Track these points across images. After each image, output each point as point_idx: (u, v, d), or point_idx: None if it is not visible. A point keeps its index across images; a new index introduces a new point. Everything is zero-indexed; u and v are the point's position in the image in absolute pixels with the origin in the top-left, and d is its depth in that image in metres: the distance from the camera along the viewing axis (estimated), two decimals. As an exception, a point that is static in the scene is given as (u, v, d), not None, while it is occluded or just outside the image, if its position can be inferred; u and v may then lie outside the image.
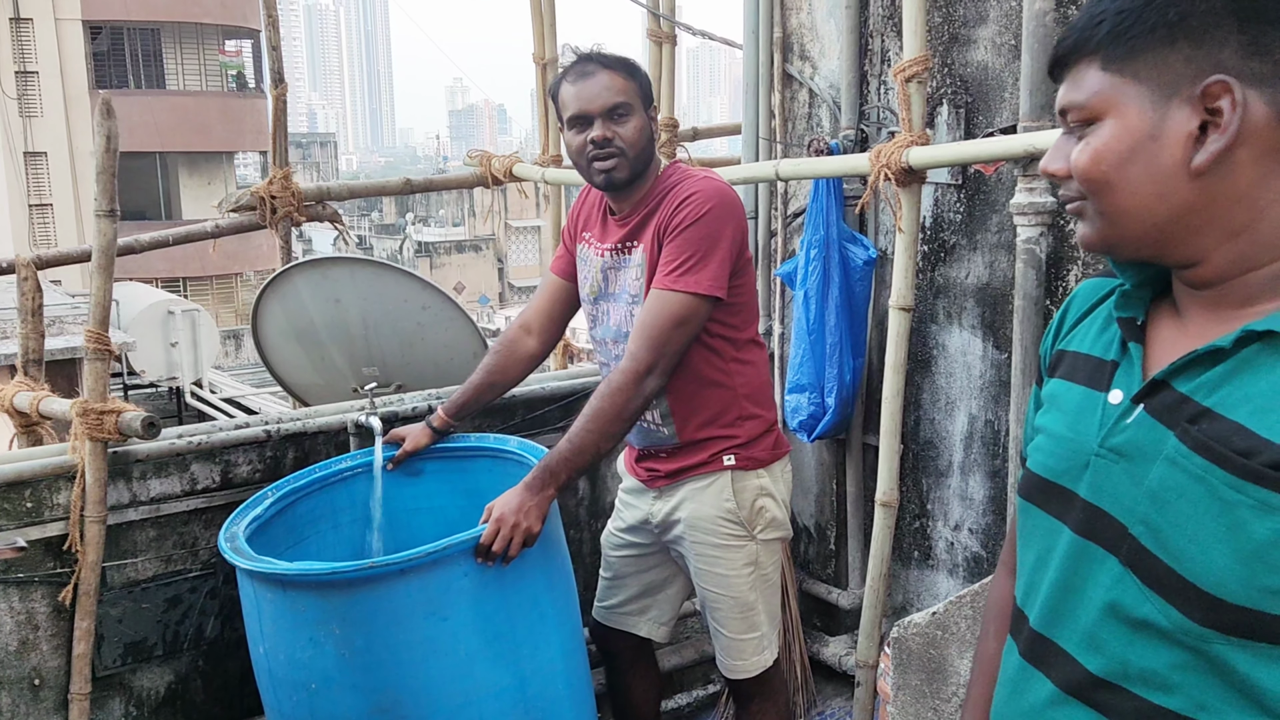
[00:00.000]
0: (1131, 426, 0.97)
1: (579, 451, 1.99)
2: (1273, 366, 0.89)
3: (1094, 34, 0.95)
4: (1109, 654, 0.96)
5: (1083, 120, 0.96)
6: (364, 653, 1.91)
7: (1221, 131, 0.90)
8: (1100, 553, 0.98)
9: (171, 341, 14.29)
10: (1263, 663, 0.88)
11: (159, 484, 2.38)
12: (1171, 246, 0.96)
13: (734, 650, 2.20)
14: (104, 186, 2.17)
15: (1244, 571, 0.87)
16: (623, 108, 2.03)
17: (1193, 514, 0.90)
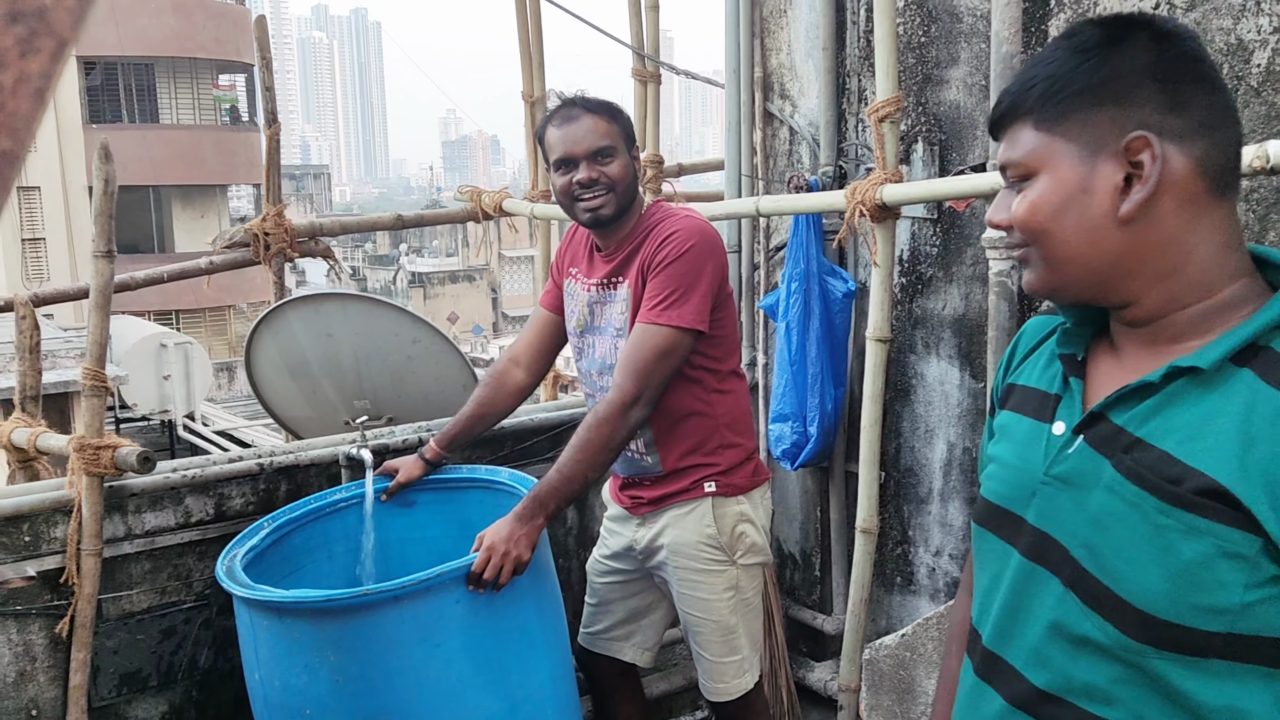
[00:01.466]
0: (1073, 456, 1.04)
1: (568, 481, 2.05)
2: (1198, 399, 0.97)
3: (1027, 97, 1.03)
4: (1054, 669, 1.03)
5: (1020, 176, 1.04)
6: (358, 679, 1.96)
7: (1143, 182, 0.98)
8: (1045, 575, 1.05)
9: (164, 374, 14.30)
10: (1194, 675, 0.95)
11: (154, 517, 2.43)
12: (1108, 289, 1.03)
13: (716, 673, 2.25)
14: (102, 228, 2.24)
15: (1174, 590, 0.94)
16: (607, 150, 2.11)
17: (1128, 538, 0.98)
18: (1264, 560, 0.91)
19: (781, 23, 3.14)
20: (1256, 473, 0.91)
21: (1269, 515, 0.91)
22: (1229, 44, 2.19)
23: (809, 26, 3.02)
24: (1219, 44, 2.20)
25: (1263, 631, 0.93)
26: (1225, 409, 0.95)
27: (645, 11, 3.44)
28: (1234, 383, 0.96)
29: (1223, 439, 0.94)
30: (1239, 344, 0.96)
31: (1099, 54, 1.00)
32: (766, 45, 3.18)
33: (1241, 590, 0.92)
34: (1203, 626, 0.94)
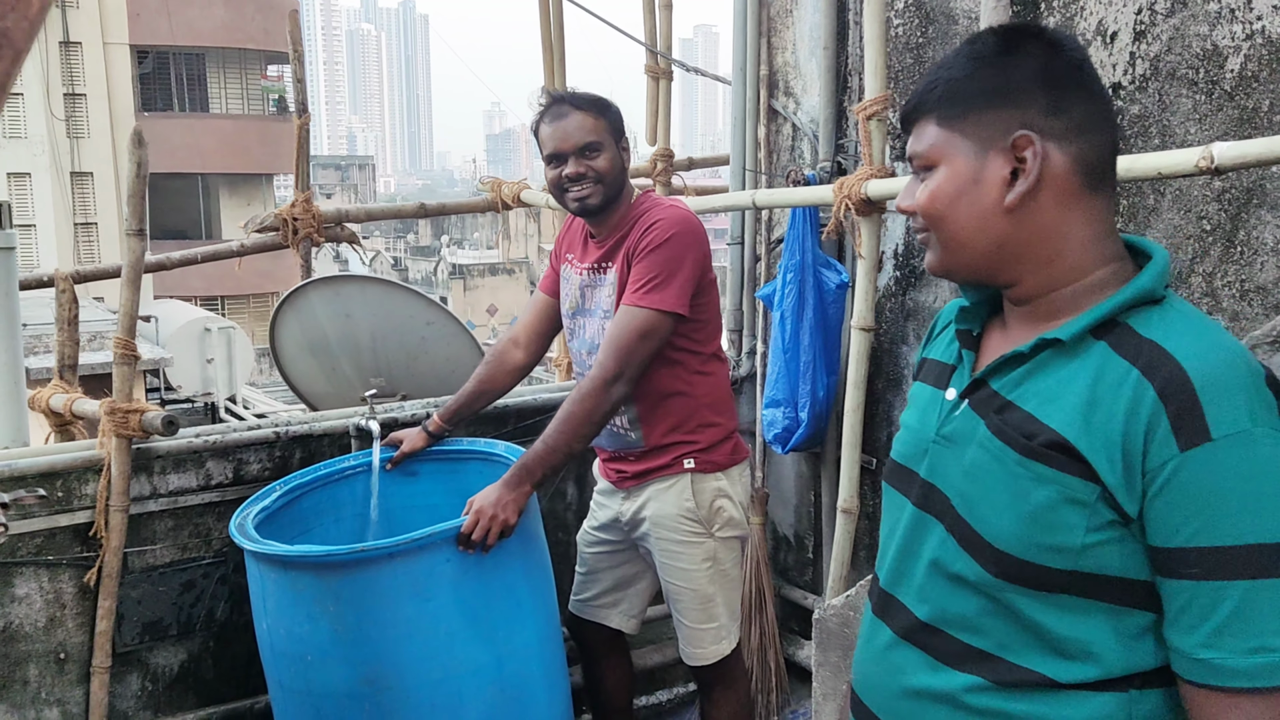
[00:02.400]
0: (958, 418, 1.18)
1: (552, 451, 2.19)
2: (1059, 367, 1.10)
3: (931, 96, 1.15)
4: (933, 603, 1.17)
5: (923, 166, 1.16)
6: (355, 628, 2.11)
7: (1025, 176, 1.09)
8: (931, 520, 1.19)
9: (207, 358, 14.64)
10: (1045, 608, 1.09)
11: (177, 478, 2.60)
12: (995, 270, 1.16)
13: (694, 639, 2.38)
14: (134, 208, 2.41)
15: (1025, 531, 1.08)
16: (594, 146, 2.25)
17: (992, 486, 1.11)
18: (1101, 506, 1.04)
19: (787, 22, 3.26)
20: (1098, 430, 1.04)
21: (1105, 467, 1.03)
22: (1205, 49, 2.27)
23: (813, 26, 3.13)
24: (1195, 49, 2.28)
25: (1102, 570, 1.05)
26: (1080, 375, 1.07)
27: (659, 10, 3.56)
28: (1090, 353, 1.08)
29: (1074, 401, 1.06)
30: (1098, 319, 1.08)
31: (995, 60, 1.12)
32: (773, 44, 3.30)
33: (1083, 532, 1.04)
34: (1050, 564, 1.06)
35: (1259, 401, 1.02)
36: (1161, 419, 1.01)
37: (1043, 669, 1.09)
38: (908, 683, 1.19)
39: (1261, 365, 1.06)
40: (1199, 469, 1.00)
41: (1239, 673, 1.00)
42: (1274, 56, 2.13)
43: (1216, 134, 2.24)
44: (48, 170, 20.65)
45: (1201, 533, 1.00)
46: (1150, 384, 1.03)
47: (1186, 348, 1.03)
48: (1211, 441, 0.99)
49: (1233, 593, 1.00)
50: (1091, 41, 2.48)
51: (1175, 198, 2.33)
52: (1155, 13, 2.35)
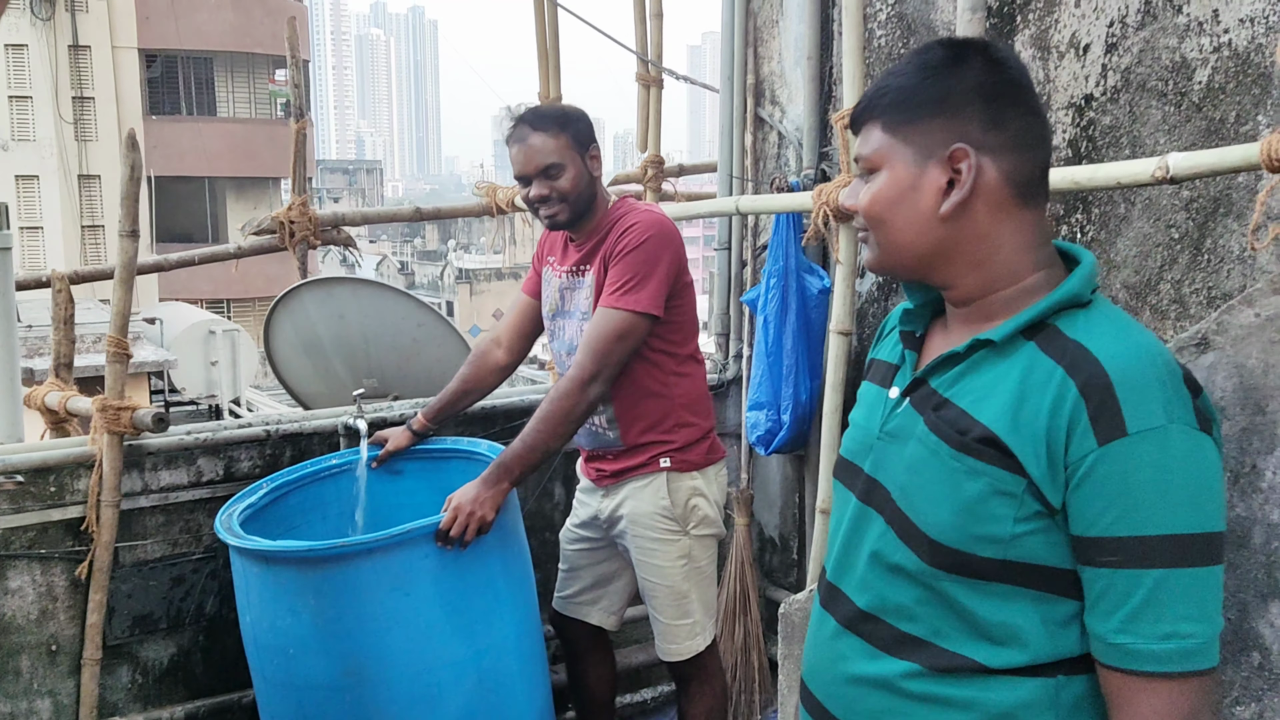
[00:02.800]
0: (900, 415, 1.24)
1: (530, 449, 2.25)
2: (992, 366, 1.16)
3: (879, 102, 1.19)
4: (873, 592, 1.23)
5: (868, 169, 1.21)
6: (335, 622, 2.17)
7: (960, 188, 1.15)
8: (873, 513, 1.25)
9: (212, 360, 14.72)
10: (976, 596, 1.15)
11: (168, 475, 2.66)
12: (930, 272, 1.22)
13: (669, 635, 2.43)
14: (127, 210, 2.47)
15: (958, 522, 1.14)
16: (554, 167, 2.32)
17: (929, 479, 1.17)
18: (1028, 498, 1.10)
19: (773, 32, 3.31)
20: (1025, 425, 1.10)
21: (1031, 460, 1.09)
22: (1174, 61, 2.32)
23: (797, 37, 3.19)
24: (1165, 61, 2.33)
25: (1030, 559, 1.11)
26: (1010, 374, 1.14)
27: (650, 19, 3.62)
28: (1020, 353, 1.14)
29: (1004, 398, 1.13)
30: (1028, 321, 1.15)
31: (940, 72, 1.17)
32: (759, 54, 3.36)
33: (1011, 523, 1.10)
34: (981, 553, 1.13)
35: (1175, 399, 1.07)
36: (1082, 415, 1.07)
37: (974, 654, 1.15)
38: (849, 670, 1.24)
39: (1179, 365, 1.11)
40: (1115, 462, 1.05)
41: (1151, 657, 1.05)
42: (1240, 69, 2.18)
43: (1185, 144, 2.29)
44: (55, 173, 20.79)
45: (1118, 522, 1.05)
46: (1073, 382, 1.08)
47: (1107, 348, 1.09)
48: (1127, 436, 1.05)
49: (1147, 580, 1.05)
50: (1065, 53, 2.53)
51: (1145, 206, 2.38)
52: (1126, 26, 2.40)
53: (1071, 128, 2.52)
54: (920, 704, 1.18)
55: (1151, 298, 2.37)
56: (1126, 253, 2.42)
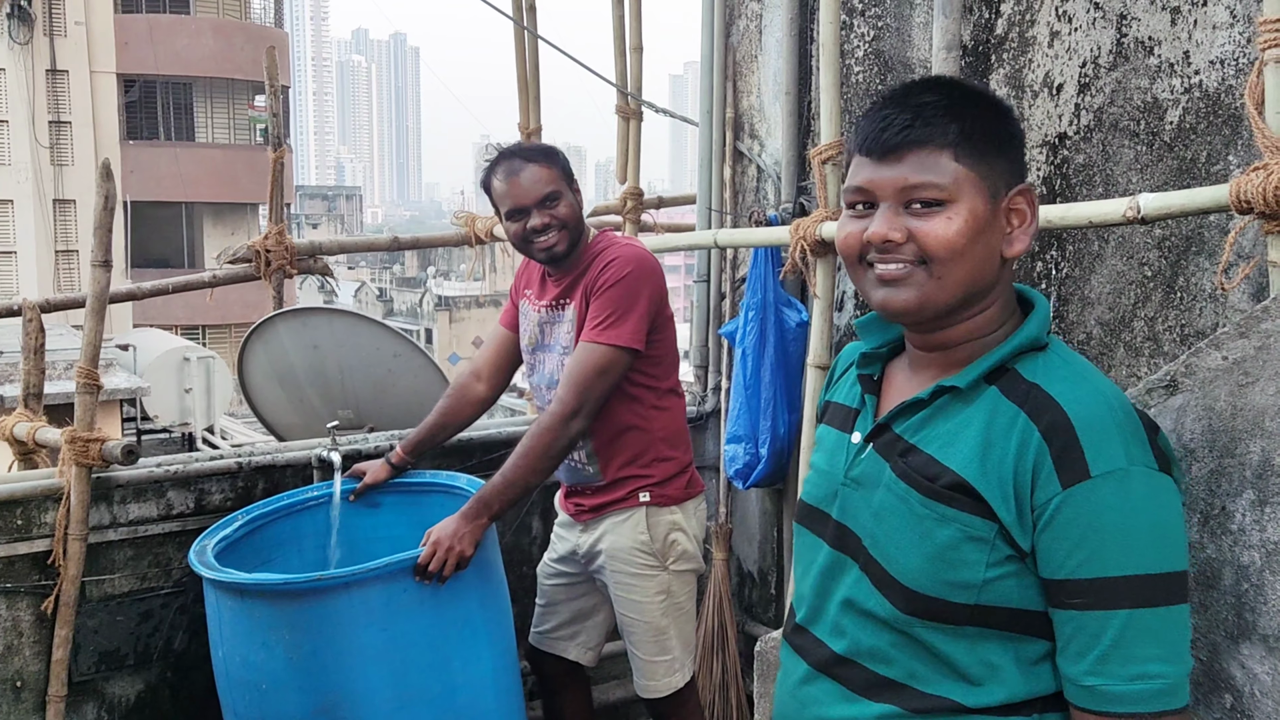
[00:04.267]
0: (864, 461, 1.24)
1: (510, 484, 2.23)
2: (957, 411, 1.17)
3: (947, 130, 1.13)
4: (848, 638, 1.23)
5: (936, 199, 1.13)
6: (310, 657, 2.13)
7: (1024, 228, 1.17)
8: (847, 561, 1.25)
9: (186, 387, 14.58)
10: (950, 640, 1.15)
11: (138, 508, 2.62)
12: (959, 312, 1.18)
13: (648, 671, 2.41)
14: (100, 240, 2.45)
15: (931, 569, 1.14)
16: (553, 195, 2.31)
17: (898, 526, 1.17)
18: (999, 542, 1.11)
19: (752, 67, 3.34)
20: (992, 470, 1.11)
21: (1000, 504, 1.10)
22: (1145, 102, 2.35)
23: (776, 72, 3.22)
24: (1136, 102, 2.36)
25: (1003, 603, 1.12)
26: (975, 419, 1.15)
27: (630, 53, 3.64)
28: (984, 398, 1.16)
29: (971, 443, 1.14)
30: (991, 366, 1.16)
31: (1000, 111, 1.18)
32: (739, 88, 3.38)
33: (983, 568, 1.11)
34: (955, 599, 1.13)
35: (1134, 441, 1.09)
36: (1046, 459, 1.08)
37: (951, 694, 1.15)
38: (824, 714, 1.24)
39: (1135, 407, 1.14)
40: (1080, 505, 1.07)
41: (1122, 698, 1.06)
42: (1211, 110, 2.21)
43: (1157, 184, 2.32)
44: (31, 198, 20.65)
45: (1085, 565, 1.07)
46: (1035, 426, 1.10)
47: (1067, 392, 1.11)
48: (1090, 479, 1.07)
49: (1115, 621, 1.06)
50: (1039, 93, 2.56)
51: (1118, 244, 2.41)
52: (1099, 66, 2.43)
53: (1046, 165, 2.54)
54: None
55: (1125, 335, 2.39)
56: (1100, 290, 2.44)
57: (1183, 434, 1.29)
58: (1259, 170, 1.62)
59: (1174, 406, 1.29)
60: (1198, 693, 1.30)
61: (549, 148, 2.38)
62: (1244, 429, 1.24)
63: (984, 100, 1.18)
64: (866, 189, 1.16)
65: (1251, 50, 2.06)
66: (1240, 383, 1.24)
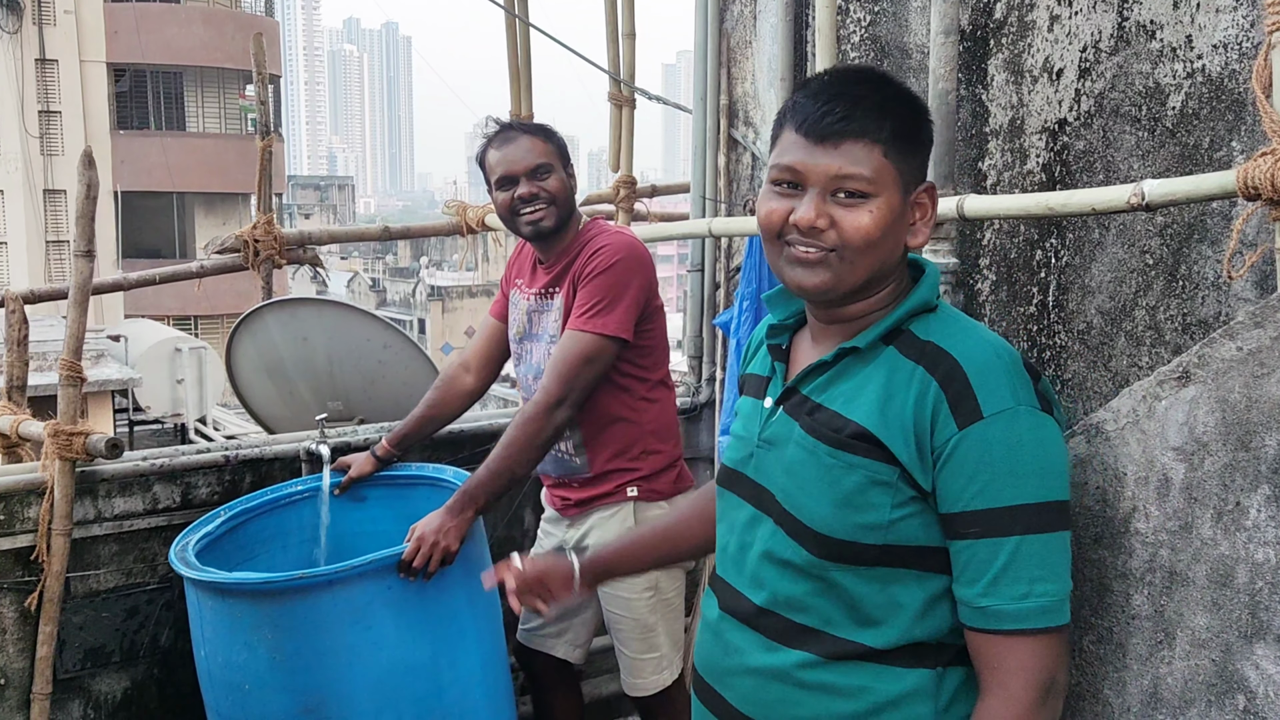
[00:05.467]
0: (775, 423, 1.34)
1: (495, 476, 2.19)
2: (857, 371, 1.28)
3: (882, 126, 1.23)
4: (767, 589, 1.32)
5: (861, 191, 1.23)
6: (293, 657, 2.09)
7: (925, 222, 1.31)
8: (762, 516, 1.34)
9: (178, 378, 14.55)
10: (861, 581, 1.25)
11: (123, 502, 2.58)
12: (860, 293, 1.29)
13: (635, 669, 2.38)
14: (83, 229, 2.40)
15: (840, 514, 1.24)
16: (545, 167, 2.27)
17: (808, 478, 1.27)
18: (902, 484, 1.22)
19: (747, 54, 3.29)
20: (893, 419, 1.22)
21: (901, 449, 1.21)
22: (1147, 87, 2.31)
23: (771, 58, 3.17)
24: (1138, 87, 2.32)
25: (908, 542, 1.23)
26: (875, 376, 1.26)
27: (622, 39, 3.59)
28: (882, 357, 1.27)
29: (872, 397, 1.25)
30: (887, 328, 1.27)
31: (923, 112, 1.31)
32: (733, 74, 3.33)
33: (888, 509, 1.22)
34: (864, 540, 1.23)
35: (1019, 384, 1.21)
36: (943, 404, 1.20)
37: (861, 639, 1.25)
38: (746, 662, 1.33)
39: (1018, 354, 1.26)
40: (974, 443, 1.18)
41: (1012, 616, 1.17)
42: (1214, 94, 2.17)
43: (1159, 170, 2.28)
44: (21, 188, 20.49)
45: (979, 497, 1.18)
46: (932, 377, 1.21)
47: (958, 345, 1.23)
48: (983, 419, 1.18)
49: (1006, 547, 1.17)
50: (1038, 78, 2.52)
51: (1119, 232, 2.37)
52: (1100, 50, 2.39)
53: (1045, 152, 2.50)
54: (814, 692, 1.27)
55: (1126, 324, 2.35)
56: (1101, 279, 2.41)
57: (1195, 427, 1.25)
58: (1266, 156, 1.58)
59: (1186, 398, 1.26)
60: (1209, 694, 1.26)
61: (548, 126, 2.34)
62: (1259, 422, 1.21)
63: (911, 100, 1.28)
64: (799, 170, 1.24)
65: (1256, 34, 2.02)
66: (1256, 374, 1.21)
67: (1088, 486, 1.39)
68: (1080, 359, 2.34)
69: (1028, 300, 2.48)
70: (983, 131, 2.68)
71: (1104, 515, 1.37)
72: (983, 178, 2.69)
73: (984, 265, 2.58)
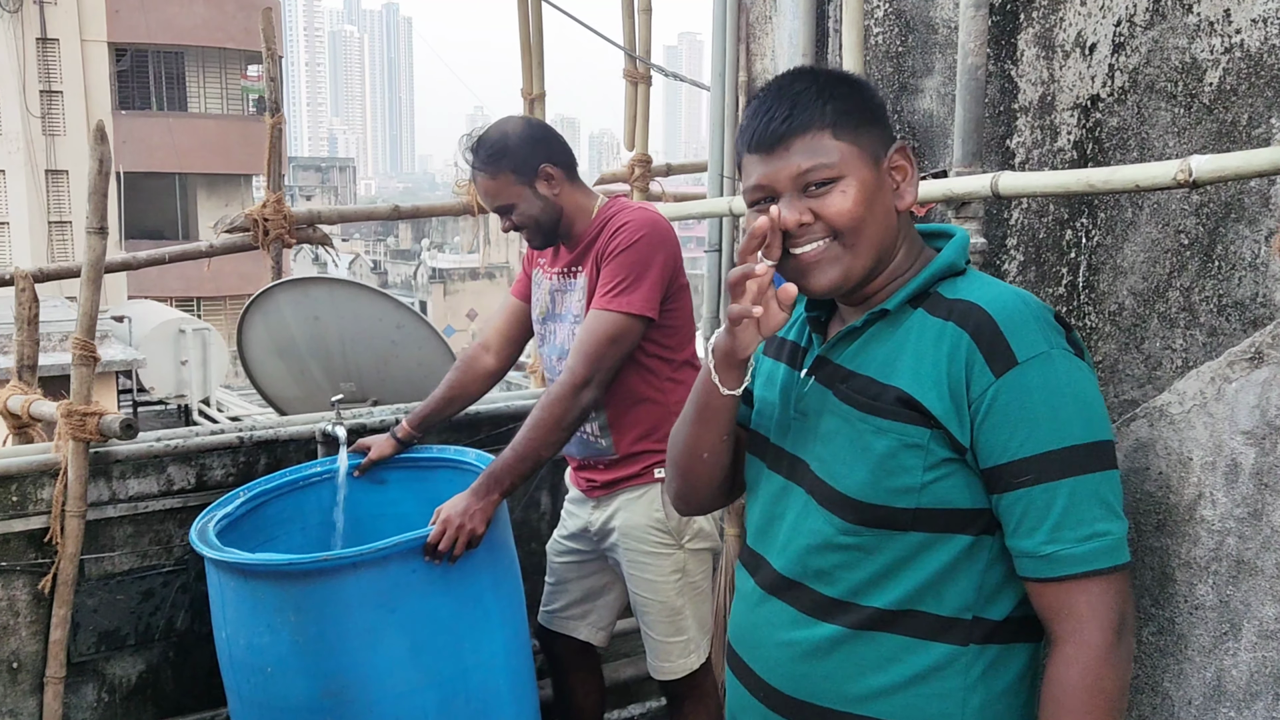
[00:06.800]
0: (809, 394, 1.35)
1: (521, 459, 2.15)
2: (888, 336, 1.29)
3: (823, 111, 1.26)
4: (793, 559, 1.33)
5: (827, 179, 1.25)
6: (316, 640, 2.06)
7: (908, 181, 1.31)
8: (794, 487, 1.35)
9: (182, 359, 14.51)
10: (893, 547, 1.25)
11: (137, 483, 2.54)
12: (875, 269, 1.30)
13: (662, 652, 2.34)
14: (95, 206, 2.35)
15: (873, 478, 1.24)
16: (504, 208, 2.27)
17: (841, 444, 1.28)
18: (934, 445, 1.22)
19: (766, 29, 3.23)
20: (926, 377, 1.22)
21: (937, 406, 1.21)
22: (1184, 62, 2.25)
23: (791, 33, 3.10)
24: (1174, 62, 2.27)
25: (941, 504, 1.23)
26: (905, 339, 1.26)
27: (638, 14, 3.53)
28: (911, 320, 1.28)
29: (905, 360, 1.25)
30: (914, 290, 1.29)
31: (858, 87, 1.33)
32: (752, 50, 3.27)
33: (921, 471, 1.22)
34: (897, 504, 1.23)
35: (1050, 330, 1.22)
36: (976, 355, 1.20)
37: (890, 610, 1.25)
38: (777, 635, 1.34)
39: (1049, 306, 1.27)
40: (1013, 389, 1.18)
41: (1079, 559, 1.16)
42: (1253, 70, 2.12)
43: (1195, 147, 2.23)
44: (23, 168, 20.40)
45: (1026, 444, 1.17)
46: (963, 330, 1.22)
47: (985, 296, 1.24)
48: (1019, 364, 1.18)
49: (1062, 490, 1.16)
50: (1070, 53, 2.47)
51: (1153, 211, 2.32)
52: (1134, 25, 2.34)
53: (1077, 129, 2.45)
54: (844, 666, 1.27)
55: (1160, 305, 2.31)
56: (1134, 259, 2.36)
57: (1268, 409, 1.21)
58: (1322, 130, 1.53)
59: (1258, 380, 1.22)
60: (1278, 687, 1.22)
61: (499, 148, 2.24)
62: (1338, 404, 1.16)
63: (846, 80, 1.31)
64: (765, 185, 1.27)
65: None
66: (1334, 354, 1.17)
67: (1150, 472, 1.35)
68: (1111, 340, 2.30)
69: (1057, 281, 2.43)
70: (1011, 108, 2.63)
71: (1167, 502, 1.33)
72: (1011, 155, 2.64)
73: (1011, 245, 2.53)
